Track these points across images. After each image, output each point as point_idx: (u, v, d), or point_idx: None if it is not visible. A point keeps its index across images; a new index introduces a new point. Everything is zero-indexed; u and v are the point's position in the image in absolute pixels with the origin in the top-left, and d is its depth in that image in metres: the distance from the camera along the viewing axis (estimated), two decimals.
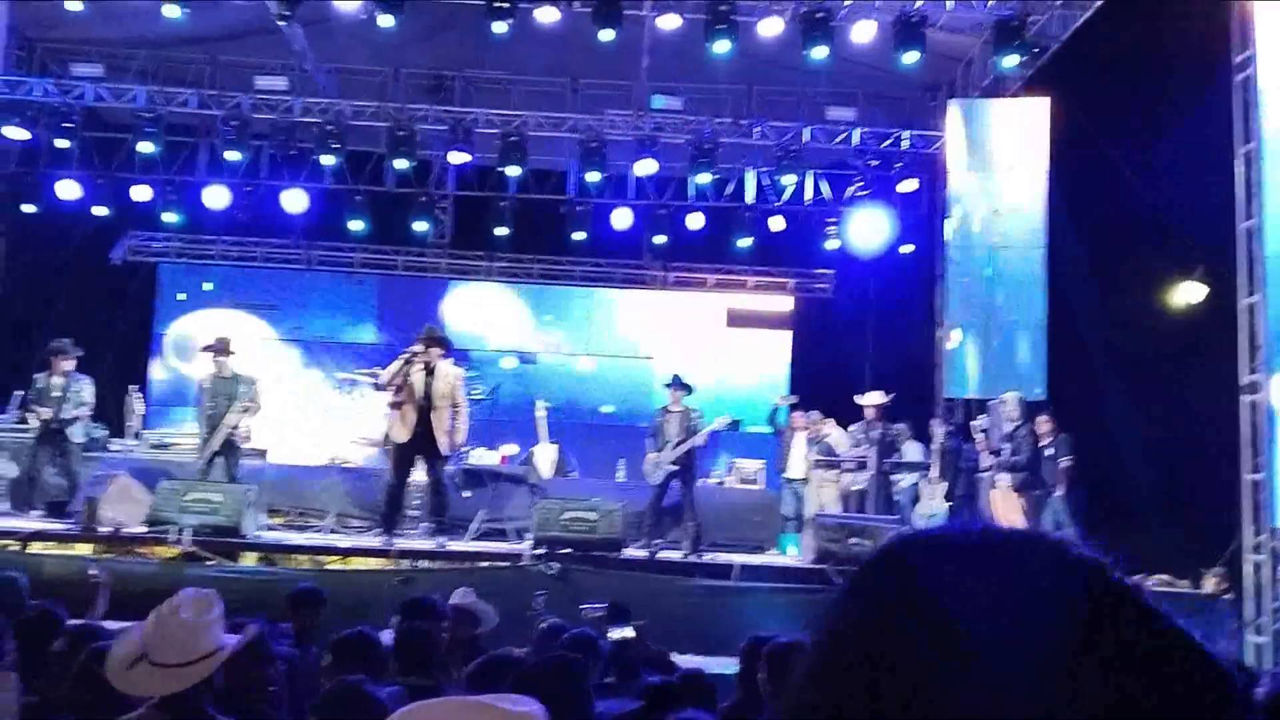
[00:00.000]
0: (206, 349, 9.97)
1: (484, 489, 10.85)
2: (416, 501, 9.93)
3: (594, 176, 13.42)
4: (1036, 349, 11.22)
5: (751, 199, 14.23)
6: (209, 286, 15.44)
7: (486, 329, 15.31)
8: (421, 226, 14.64)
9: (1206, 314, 10.17)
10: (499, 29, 10.78)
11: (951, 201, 12.20)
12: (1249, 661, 7.67)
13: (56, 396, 9.88)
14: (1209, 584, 8.91)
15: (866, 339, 14.74)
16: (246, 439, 10.13)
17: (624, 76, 13.04)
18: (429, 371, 9.15)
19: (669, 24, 11.35)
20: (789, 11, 11.22)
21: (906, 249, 13.81)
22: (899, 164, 13.77)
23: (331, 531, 10.16)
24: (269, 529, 9.91)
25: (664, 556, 9.56)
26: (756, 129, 13.11)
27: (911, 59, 11.21)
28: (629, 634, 5.58)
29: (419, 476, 9.54)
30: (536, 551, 9.01)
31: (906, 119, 13.41)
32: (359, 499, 10.79)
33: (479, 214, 14.60)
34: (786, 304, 15.75)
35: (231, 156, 13.12)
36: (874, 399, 10.93)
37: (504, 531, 10.29)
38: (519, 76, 13.40)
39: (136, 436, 11.67)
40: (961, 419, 11.60)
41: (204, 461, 9.69)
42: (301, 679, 4.17)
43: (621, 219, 14.06)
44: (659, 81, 13.03)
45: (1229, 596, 8.67)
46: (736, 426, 10.87)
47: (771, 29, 11.29)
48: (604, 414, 15.06)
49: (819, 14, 10.96)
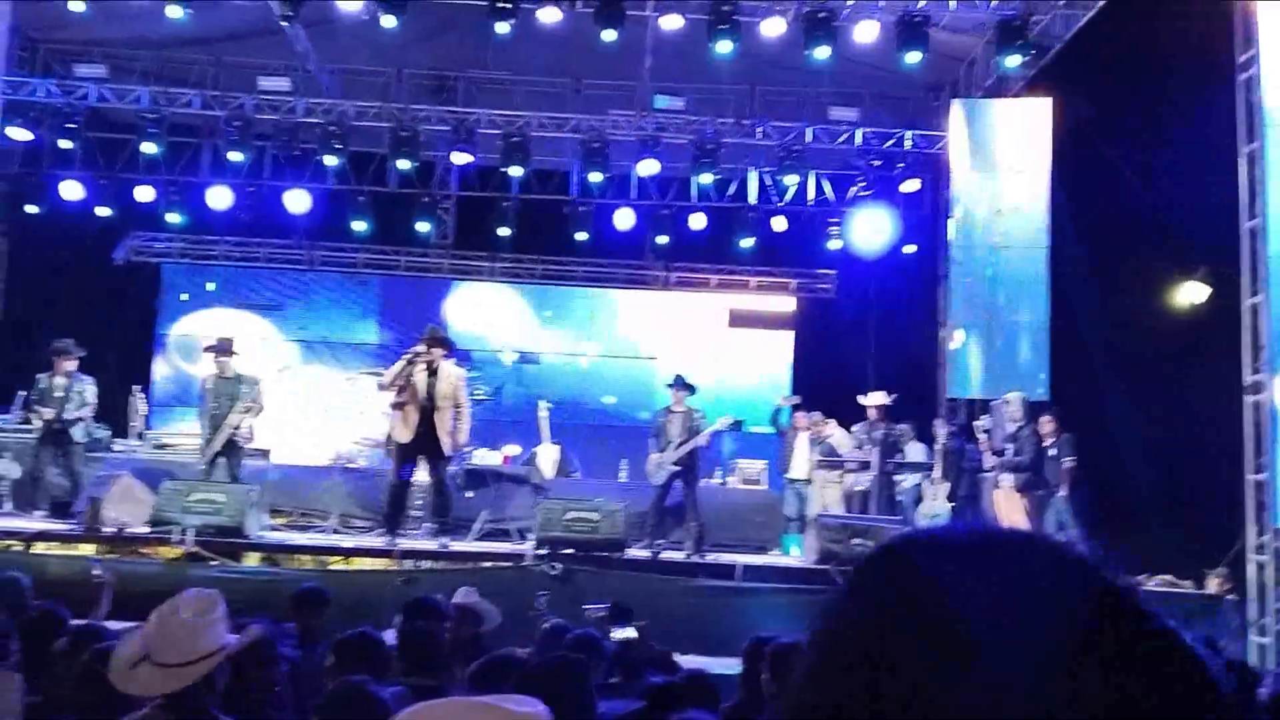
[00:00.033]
0: (209, 349, 9.97)
1: (487, 489, 10.86)
2: (419, 502, 9.94)
3: (596, 177, 13.43)
4: (1039, 349, 11.22)
5: (754, 199, 14.23)
6: (212, 287, 15.47)
7: (488, 329, 15.32)
8: (424, 227, 14.64)
9: (1209, 314, 10.17)
10: (501, 29, 10.79)
11: (954, 201, 12.20)
12: (1253, 662, 7.65)
13: (59, 397, 9.88)
14: (1212, 584, 8.91)
15: (869, 339, 14.75)
16: (249, 439, 10.12)
17: (626, 77, 13.05)
18: (431, 372, 9.16)
19: (671, 24, 11.36)
20: (791, 11, 11.22)
21: (909, 249, 13.81)
22: (901, 164, 13.76)
23: (334, 532, 10.16)
24: (272, 529, 9.91)
25: (666, 557, 9.56)
26: (759, 129, 13.13)
27: (914, 59, 11.21)
28: (631, 634, 5.58)
29: (422, 477, 9.54)
30: (539, 552, 9.01)
31: (909, 119, 13.42)
32: (362, 499, 10.78)
33: (481, 214, 14.62)
34: (789, 304, 15.73)
35: (234, 157, 13.15)
36: (876, 399, 10.92)
37: (507, 532, 10.29)
38: (521, 77, 13.41)
39: (139, 437, 11.68)
40: (964, 419, 11.60)
41: (207, 462, 9.68)
42: (305, 679, 4.17)
43: (624, 219, 14.05)
44: (661, 82, 13.03)
45: (1232, 597, 8.67)
46: (739, 427, 10.87)
47: (774, 29, 11.29)
48: (606, 414, 15.06)
49: (821, 14, 10.95)
